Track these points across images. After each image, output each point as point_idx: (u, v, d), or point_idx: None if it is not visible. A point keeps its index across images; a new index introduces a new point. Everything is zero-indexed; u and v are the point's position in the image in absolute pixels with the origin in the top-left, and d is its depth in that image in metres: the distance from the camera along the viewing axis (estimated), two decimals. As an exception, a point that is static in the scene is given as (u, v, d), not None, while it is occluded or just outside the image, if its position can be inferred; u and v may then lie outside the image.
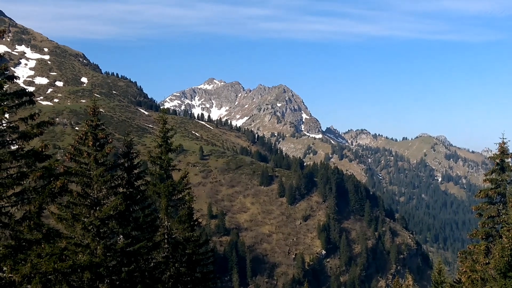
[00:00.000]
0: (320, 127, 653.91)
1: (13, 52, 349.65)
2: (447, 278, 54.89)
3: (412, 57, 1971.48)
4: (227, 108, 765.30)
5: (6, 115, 23.19)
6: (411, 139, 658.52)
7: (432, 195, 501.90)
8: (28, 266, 21.04)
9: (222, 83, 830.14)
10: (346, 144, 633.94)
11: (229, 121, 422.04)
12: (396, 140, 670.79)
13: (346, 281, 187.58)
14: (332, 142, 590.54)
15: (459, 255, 46.40)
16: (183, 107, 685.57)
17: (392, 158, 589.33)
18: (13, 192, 23.58)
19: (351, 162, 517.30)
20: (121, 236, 33.81)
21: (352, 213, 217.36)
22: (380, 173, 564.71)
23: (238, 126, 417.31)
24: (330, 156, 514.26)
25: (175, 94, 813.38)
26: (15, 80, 24.67)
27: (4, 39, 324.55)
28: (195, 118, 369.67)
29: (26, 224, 23.08)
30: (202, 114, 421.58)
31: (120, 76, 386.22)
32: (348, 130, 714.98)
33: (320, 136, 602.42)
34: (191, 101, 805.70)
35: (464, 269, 40.82)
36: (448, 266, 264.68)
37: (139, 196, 36.06)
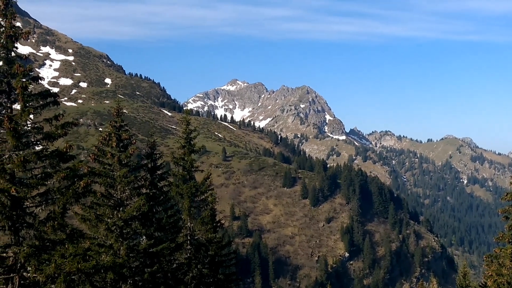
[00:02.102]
0: (344, 129, 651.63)
1: (38, 53, 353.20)
2: (472, 282, 54.41)
3: (436, 58, 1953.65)
4: (250, 109, 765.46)
5: (31, 116, 23.35)
6: (436, 141, 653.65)
7: (457, 198, 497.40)
8: (52, 266, 21.14)
9: (245, 84, 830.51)
10: (370, 145, 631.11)
11: (252, 122, 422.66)
12: (421, 142, 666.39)
13: (370, 284, 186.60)
14: (356, 143, 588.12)
15: (485, 258, 45.79)
16: (206, 108, 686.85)
17: (417, 160, 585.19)
18: (37, 192, 23.72)
19: (375, 164, 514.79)
20: (144, 237, 33.94)
21: (376, 216, 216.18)
22: (405, 175, 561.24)
23: (261, 127, 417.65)
24: (354, 157, 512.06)
25: (198, 95, 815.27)
26: (39, 81, 24.82)
27: (29, 41, 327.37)
28: (218, 119, 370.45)
29: (50, 225, 23.20)
30: (225, 115, 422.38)
31: (143, 77, 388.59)
32: (372, 132, 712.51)
33: (343, 137, 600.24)
34: (214, 102, 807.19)
35: (490, 273, 40.31)
36: (474, 270, 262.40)
37: (162, 197, 36.18)
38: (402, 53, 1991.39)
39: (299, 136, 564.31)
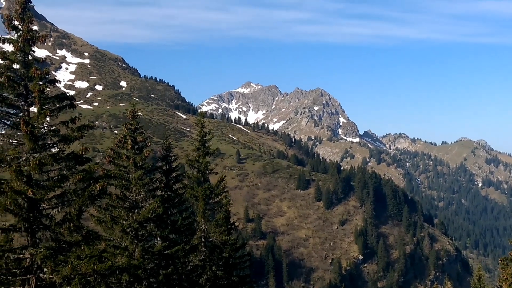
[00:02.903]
0: (358, 131, 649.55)
1: (54, 57, 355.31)
2: (487, 285, 54.01)
3: (451, 60, 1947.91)
4: (264, 111, 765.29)
5: (47, 119, 23.54)
6: (451, 143, 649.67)
7: (472, 200, 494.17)
8: (68, 267, 21.33)
9: (259, 87, 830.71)
10: (384, 148, 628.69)
11: (266, 124, 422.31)
12: (435, 144, 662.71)
13: (384, 286, 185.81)
14: (370, 146, 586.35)
15: (500, 261, 45.50)
16: (220, 111, 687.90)
17: (431, 162, 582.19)
18: (53, 194, 23.92)
19: (389, 166, 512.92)
20: (159, 239, 34.08)
21: (390, 218, 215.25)
22: (419, 178, 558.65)
23: (275, 129, 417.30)
24: (368, 160, 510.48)
25: (212, 97, 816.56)
26: (56, 84, 25.05)
27: (45, 44, 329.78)
28: (232, 121, 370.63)
29: (66, 226, 23.38)
30: (239, 117, 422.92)
31: (158, 80, 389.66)
32: (386, 134, 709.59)
33: (357, 140, 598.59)
34: (228, 104, 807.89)
35: (505, 276, 40.08)
36: (489, 273, 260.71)
37: (177, 199, 36.32)
38: (416, 55, 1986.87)
39: (313, 138, 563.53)
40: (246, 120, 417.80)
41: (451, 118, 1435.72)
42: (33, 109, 23.97)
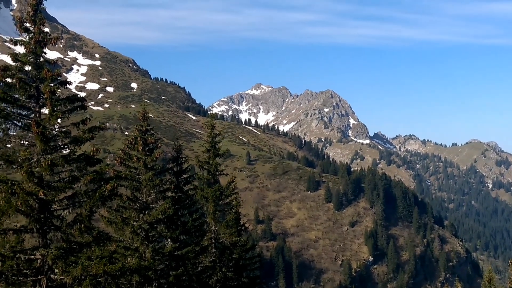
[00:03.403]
0: (368, 133, 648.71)
1: (65, 58, 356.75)
2: (498, 287, 53.78)
3: (461, 61, 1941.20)
4: (274, 113, 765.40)
5: (59, 120, 23.63)
6: (461, 145, 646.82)
7: (482, 202, 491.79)
8: (79, 268, 21.40)
9: (270, 89, 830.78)
10: (394, 149, 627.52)
11: (276, 126, 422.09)
12: (445, 146, 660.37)
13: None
14: (380, 147, 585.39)
15: (510, 263, 45.28)
16: (230, 112, 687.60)
17: (441, 164, 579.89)
18: (64, 195, 24.01)
19: (399, 168, 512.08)
20: (169, 240, 34.15)
21: (400, 220, 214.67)
22: (429, 180, 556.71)
23: (285, 131, 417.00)
24: (378, 161, 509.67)
25: (222, 99, 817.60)
26: (67, 86, 25.15)
27: (57, 46, 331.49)
28: (242, 123, 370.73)
29: (77, 227, 23.45)
30: (249, 119, 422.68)
31: (169, 82, 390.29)
32: (396, 136, 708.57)
33: (367, 141, 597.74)
34: (239, 106, 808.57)
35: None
36: (499, 275, 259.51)
37: (187, 200, 36.39)
38: (426, 56, 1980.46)
39: (323, 140, 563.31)
40: (256, 121, 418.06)
41: (461, 119, 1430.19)
42: (45, 110, 24.08)
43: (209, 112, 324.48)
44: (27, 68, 23.84)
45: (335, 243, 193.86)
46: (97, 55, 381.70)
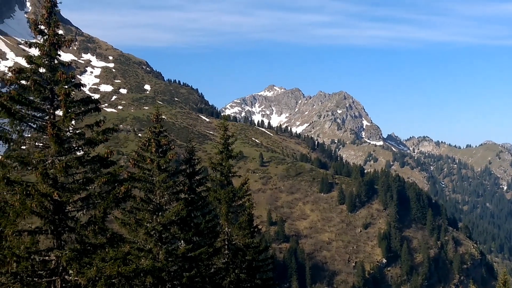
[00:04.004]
0: (381, 134, 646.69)
1: (79, 61, 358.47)
2: (513, 290, 53.38)
3: (474, 62, 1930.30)
4: (287, 115, 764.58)
5: (73, 122, 23.76)
6: (475, 146, 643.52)
7: (497, 204, 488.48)
8: (93, 269, 21.49)
9: (282, 90, 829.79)
10: (408, 151, 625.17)
11: (289, 128, 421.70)
12: (459, 148, 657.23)
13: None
14: (393, 149, 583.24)
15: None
16: (243, 114, 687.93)
17: (456, 166, 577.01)
18: (79, 197, 24.13)
19: (412, 169, 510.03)
20: (182, 242, 34.20)
21: (413, 222, 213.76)
22: (443, 181, 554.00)
23: (298, 133, 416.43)
24: (391, 163, 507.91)
25: (235, 101, 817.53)
26: (81, 88, 25.28)
27: (71, 48, 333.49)
28: (255, 124, 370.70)
29: (91, 229, 23.56)
30: (262, 121, 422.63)
31: (182, 84, 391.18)
32: (410, 137, 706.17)
33: (381, 143, 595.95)
34: (252, 108, 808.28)
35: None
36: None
37: (200, 202, 36.41)
38: (439, 57, 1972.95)
39: (336, 141, 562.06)
40: (269, 123, 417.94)
41: (475, 121, 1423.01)
42: (59, 112, 24.21)
43: (222, 114, 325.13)
44: (42, 70, 23.97)
45: (348, 245, 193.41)
46: (110, 57, 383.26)
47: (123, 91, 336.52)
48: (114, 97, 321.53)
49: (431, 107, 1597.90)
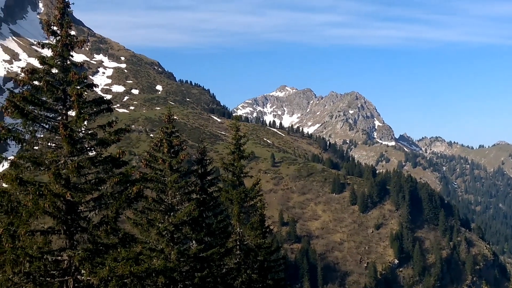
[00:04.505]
0: (393, 135, 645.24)
1: (91, 61, 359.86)
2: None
3: (487, 62, 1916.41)
4: (299, 115, 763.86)
5: (85, 122, 23.82)
6: (488, 146, 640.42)
7: (510, 205, 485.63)
8: (106, 269, 21.54)
9: (294, 90, 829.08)
10: (420, 151, 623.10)
11: (300, 128, 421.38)
12: (472, 148, 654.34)
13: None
14: (406, 149, 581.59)
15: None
16: (255, 114, 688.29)
17: (468, 166, 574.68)
18: (91, 197, 24.20)
19: (425, 170, 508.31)
20: (194, 242, 34.25)
21: (425, 222, 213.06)
22: (455, 182, 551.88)
23: (309, 133, 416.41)
24: (404, 163, 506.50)
25: (247, 101, 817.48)
26: (93, 88, 25.36)
27: (83, 49, 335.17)
28: (267, 125, 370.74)
29: (103, 229, 23.61)
30: (273, 121, 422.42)
31: (193, 84, 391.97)
32: (422, 138, 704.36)
33: (393, 143, 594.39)
34: (263, 108, 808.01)
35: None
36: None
37: (212, 202, 36.48)
38: (452, 57, 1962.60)
39: (348, 142, 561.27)
40: (280, 123, 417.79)
41: (488, 121, 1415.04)
42: (71, 113, 24.28)
43: (233, 114, 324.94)
44: (54, 71, 24.05)
45: (360, 246, 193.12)
46: (122, 58, 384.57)
47: (135, 91, 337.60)
48: (126, 98, 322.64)
49: (444, 107, 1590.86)
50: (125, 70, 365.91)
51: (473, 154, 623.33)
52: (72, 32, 24.78)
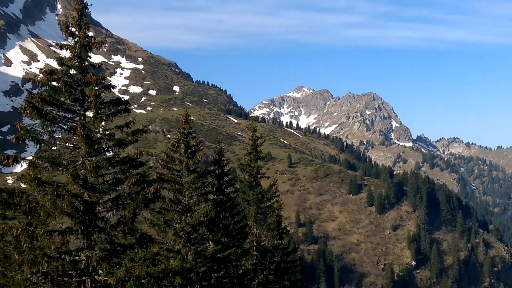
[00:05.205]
0: (411, 135, 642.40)
1: (109, 62, 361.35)
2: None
3: (505, 63, 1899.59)
4: (316, 116, 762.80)
5: (103, 123, 23.91)
6: (507, 148, 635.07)
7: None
8: (123, 269, 21.59)
9: (311, 91, 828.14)
10: (438, 152, 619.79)
11: (317, 129, 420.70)
12: (490, 149, 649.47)
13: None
14: (423, 150, 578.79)
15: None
16: (271, 115, 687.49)
17: (486, 167, 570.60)
18: (108, 197, 24.28)
19: (442, 171, 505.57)
20: (211, 242, 34.28)
21: (443, 224, 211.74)
22: (473, 183, 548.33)
23: (326, 134, 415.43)
24: (421, 164, 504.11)
25: (264, 102, 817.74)
26: (111, 89, 25.43)
27: (101, 50, 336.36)
28: (283, 126, 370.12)
29: (121, 229, 23.67)
30: (290, 122, 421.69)
31: (210, 85, 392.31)
32: (440, 139, 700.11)
33: (410, 144, 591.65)
34: (280, 109, 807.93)
35: None
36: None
37: (229, 203, 36.51)
38: (469, 58, 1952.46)
39: (365, 143, 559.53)
40: (297, 124, 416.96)
41: (507, 122, 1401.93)
42: (89, 113, 24.36)
43: (250, 115, 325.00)
44: (73, 71, 24.17)
45: (377, 247, 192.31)
46: (140, 59, 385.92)
47: (152, 92, 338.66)
48: (143, 99, 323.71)
49: (462, 108, 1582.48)
50: (143, 71, 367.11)
51: (491, 155, 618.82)
52: (90, 33, 24.87)
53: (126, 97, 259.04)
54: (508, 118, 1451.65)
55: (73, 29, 24.25)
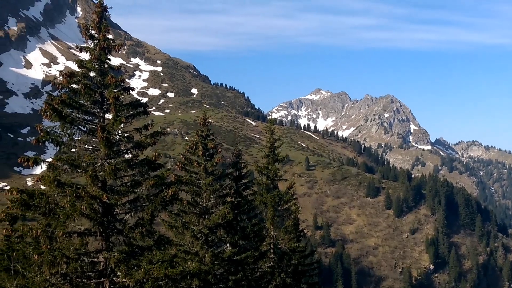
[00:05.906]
0: (429, 138, 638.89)
1: (128, 65, 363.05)
2: None
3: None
4: (334, 118, 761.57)
5: (122, 125, 24.02)
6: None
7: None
8: (141, 271, 21.69)
9: (329, 94, 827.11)
10: (456, 156, 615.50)
11: (335, 131, 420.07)
12: (510, 152, 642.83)
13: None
14: (442, 153, 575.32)
15: None
16: (289, 118, 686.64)
17: (506, 171, 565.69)
18: (127, 199, 24.38)
19: (461, 174, 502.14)
20: (229, 245, 34.30)
21: (462, 228, 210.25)
22: (493, 187, 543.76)
23: (344, 136, 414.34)
24: (439, 168, 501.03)
25: (281, 104, 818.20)
26: (130, 92, 25.55)
27: (120, 52, 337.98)
28: (301, 128, 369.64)
29: (139, 231, 23.78)
30: (308, 124, 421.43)
31: (228, 87, 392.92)
32: (459, 142, 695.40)
33: (429, 147, 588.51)
34: (298, 111, 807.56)
35: None
36: None
37: (246, 205, 36.48)
38: (488, 60, 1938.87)
39: (383, 145, 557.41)
40: (315, 127, 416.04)
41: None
42: (108, 116, 24.49)
43: (268, 118, 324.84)
44: (92, 74, 24.34)
45: (395, 250, 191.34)
46: (158, 61, 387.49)
47: (171, 94, 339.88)
48: (161, 101, 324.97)
49: (481, 111, 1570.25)
50: (161, 74, 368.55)
51: (511, 158, 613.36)
52: (110, 36, 25.03)
53: (144, 100, 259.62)
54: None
55: (93, 32, 24.44)
